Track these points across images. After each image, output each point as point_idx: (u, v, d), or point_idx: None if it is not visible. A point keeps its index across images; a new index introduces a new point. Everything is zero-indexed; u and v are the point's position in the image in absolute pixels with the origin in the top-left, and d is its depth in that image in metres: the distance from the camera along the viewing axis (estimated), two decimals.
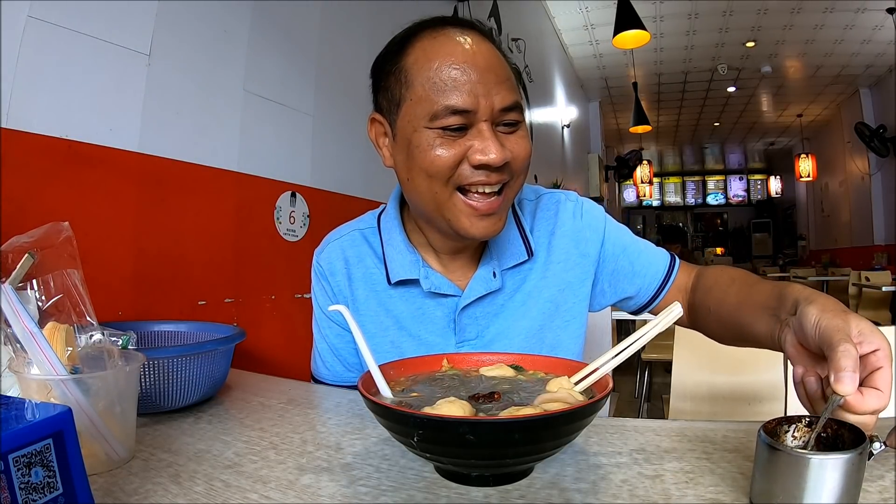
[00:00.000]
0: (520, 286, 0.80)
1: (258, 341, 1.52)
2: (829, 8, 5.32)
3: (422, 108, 0.66)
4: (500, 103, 0.66)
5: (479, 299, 0.78)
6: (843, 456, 0.35)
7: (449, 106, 0.65)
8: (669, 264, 0.84)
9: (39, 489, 0.33)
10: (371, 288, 0.81)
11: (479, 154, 0.65)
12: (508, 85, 0.68)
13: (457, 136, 0.66)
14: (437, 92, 0.65)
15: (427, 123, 0.66)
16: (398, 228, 0.80)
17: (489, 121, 0.66)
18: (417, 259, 0.79)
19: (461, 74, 0.65)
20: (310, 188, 1.77)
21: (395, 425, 0.43)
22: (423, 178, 0.68)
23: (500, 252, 0.80)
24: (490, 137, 0.65)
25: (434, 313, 0.79)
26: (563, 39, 6.19)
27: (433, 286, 0.77)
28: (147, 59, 1.23)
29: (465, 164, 0.66)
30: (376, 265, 0.82)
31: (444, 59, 0.66)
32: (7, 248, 0.57)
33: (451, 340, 0.79)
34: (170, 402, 0.68)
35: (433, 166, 0.66)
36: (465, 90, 0.65)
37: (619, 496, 0.43)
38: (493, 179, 0.67)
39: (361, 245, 0.84)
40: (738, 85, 7.72)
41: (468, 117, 0.66)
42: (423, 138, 0.66)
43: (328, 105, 1.86)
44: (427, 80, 0.66)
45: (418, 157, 0.67)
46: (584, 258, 0.82)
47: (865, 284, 4.86)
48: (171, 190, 1.29)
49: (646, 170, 10.12)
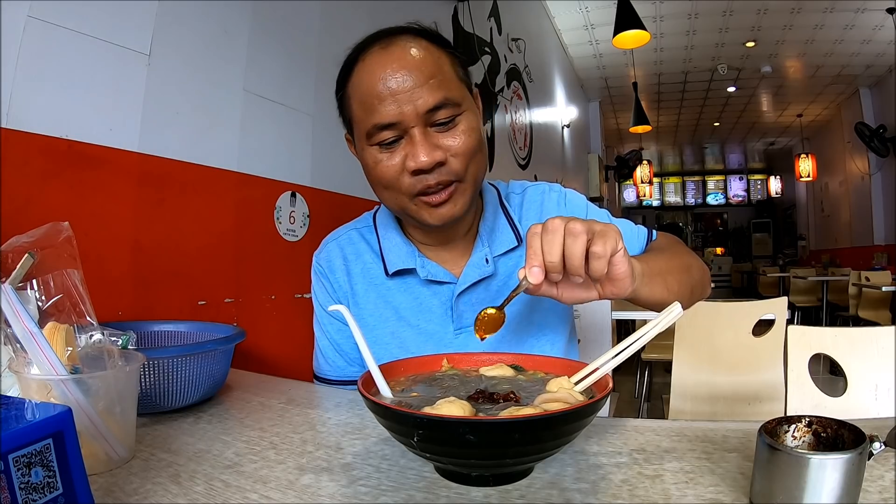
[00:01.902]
0: (512, 272, 0.83)
1: (258, 341, 1.51)
2: (829, 8, 5.31)
3: (359, 129, 0.72)
4: (423, 107, 0.68)
5: (474, 285, 0.81)
6: (843, 456, 0.35)
7: (376, 123, 0.69)
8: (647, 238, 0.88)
9: (39, 489, 0.33)
10: (370, 282, 0.85)
11: (410, 160, 0.69)
12: (432, 84, 0.69)
13: (394, 148, 0.70)
14: (366, 112, 0.70)
15: (367, 142, 0.72)
16: (393, 223, 0.85)
17: (419, 125, 0.69)
18: (413, 250, 0.82)
19: (383, 89, 0.68)
20: (310, 188, 1.77)
21: (395, 425, 0.43)
22: (381, 188, 0.74)
23: (490, 240, 0.83)
24: (419, 142, 0.68)
25: (431, 302, 0.82)
26: (563, 39, 6.19)
27: (429, 274, 0.81)
28: (147, 59, 1.23)
29: (405, 173, 0.70)
30: (374, 260, 0.85)
31: (368, 79, 0.70)
32: (7, 248, 0.57)
33: (449, 328, 0.81)
34: (170, 402, 0.68)
35: (384, 179, 0.72)
36: (386, 104, 0.68)
37: (619, 496, 0.43)
38: (433, 181, 0.70)
39: (359, 242, 0.87)
40: (738, 85, 7.71)
41: (398, 128, 0.69)
42: (369, 155, 0.72)
43: (328, 105, 1.85)
44: (359, 103, 0.71)
45: (371, 172, 0.74)
46: None
47: (865, 284, 4.85)
48: (171, 190, 1.29)
49: (646, 170, 10.10)
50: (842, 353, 1.01)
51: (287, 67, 1.69)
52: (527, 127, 4.62)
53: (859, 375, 0.99)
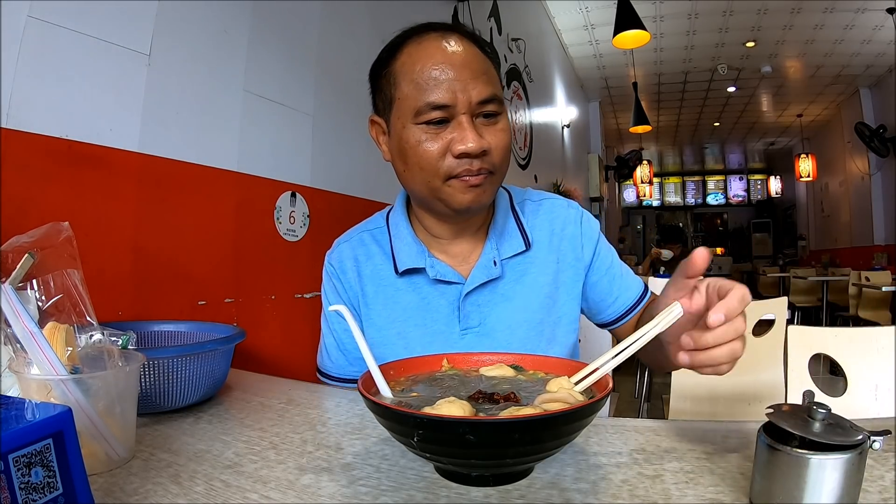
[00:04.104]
0: (520, 277, 0.85)
1: (258, 341, 1.51)
2: (829, 8, 5.31)
3: (408, 105, 0.74)
4: (476, 97, 0.73)
5: (481, 286, 0.83)
6: (843, 456, 0.35)
7: (429, 102, 0.73)
8: (640, 295, 0.90)
9: (39, 489, 0.33)
10: (379, 283, 0.87)
11: (458, 144, 0.72)
12: (485, 79, 0.75)
13: (440, 130, 0.74)
14: (420, 91, 0.73)
15: (413, 120, 0.74)
16: (405, 223, 0.88)
17: (468, 113, 0.73)
18: (423, 250, 0.85)
19: (440, 74, 0.73)
20: (310, 188, 1.77)
21: (395, 425, 0.43)
22: (416, 170, 0.76)
23: (499, 242, 0.86)
24: (468, 128, 0.73)
25: (438, 302, 0.84)
26: (563, 39, 6.19)
27: (438, 273, 0.83)
28: (147, 59, 1.22)
29: (449, 156, 0.74)
30: (384, 261, 0.88)
31: (425, 62, 0.74)
32: (7, 248, 0.57)
33: (455, 328, 0.83)
34: (170, 402, 0.68)
35: (423, 160, 0.74)
36: (443, 87, 0.72)
37: (619, 496, 0.43)
38: (476, 167, 0.74)
39: (370, 244, 0.90)
40: (738, 85, 7.71)
41: (448, 112, 0.73)
42: (411, 134, 0.75)
43: (328, 105, 1.86)
44: (411, 81, 0.74)
45: (410, 151, 0.75)
46: (579, 262, 0.88)
47: (865, 284, 4.85)
48: (171, 190, 1.29)
49: (646, 170, 10.10)
50: (842, 353, 1.01)
51: (287, 67, 1.69)
52: (527, 127, 4.62)
53: (859, 375, 0.99)
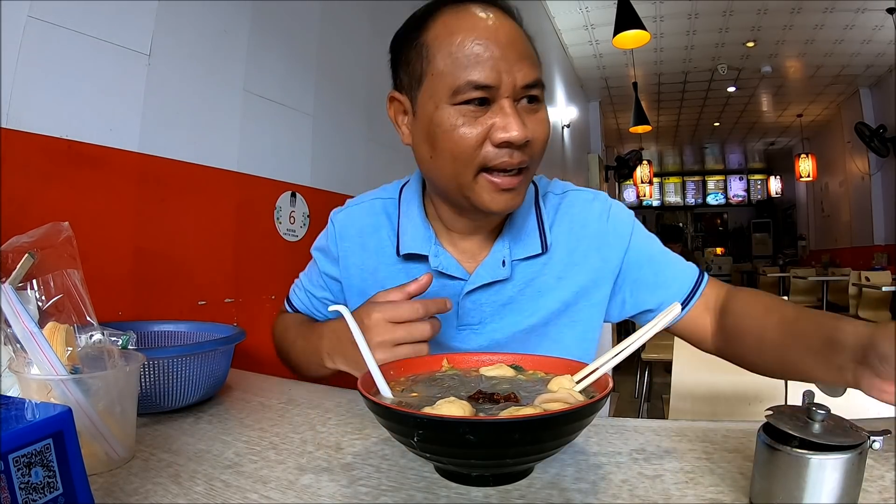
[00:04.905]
0: (531, 280, 0.78)
1: (258, 341, 1.51)
2: (829, 8, 5.31)
3: (443, 83, 0.65)
4: (522, 80, 0.65)
5: (485, 286, 0.76)
6: (843, 456, 0.35)
7: (471, 81, 0.63)
8: (697, 279, 0.79)
9: (39, 489, 0.33)
10: (380, 260, 0.81)
11: (501, 132, 0.64)
12: (531, 62, 0.67)
13: (479, 114, 0.65)
14: (459, 66, 0.64)
15: (449, 99, 0.65)
16: (417, 202, 0.80)
17: (511, 98, 0.65)
18: (431, 235, 0.78)
19: (483, 49, 0.64)
20: (310, 188, 1.77)
21: (395, 425, 0.43)
22: (447, 158, 0.67)
23: (513, 241, 0.78)
24: (512, 114, 0.64)
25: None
26: (563, 39, 6.19)
27: (441, 265, 0.76)
28: (147, 59, 1.22)
29: (487, 144, 0.65)
30: (389, 237, 0.81)
31: (466, 34, 0.64)
32: (7, 248, 0.57)
33: (452, 323, 0.78)
34: (170, 402, 0.68)
35: (457, 147, 0.65)
36: (487, 65, 0.63)
37: (619, 496, 0.43)
38: (516, 159, 0.66)
39: (379, 215, 0.84)
40: (738, 85, 7.71)
41: (490, 93, 0.64)
42: (445, 116, 0.65)
43: (328, 105, 1.86)
44: (449, 54, 0.65)
45: (442, 136, 0.66)
46: (605, 263, 0.79)
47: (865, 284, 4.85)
48: (171, 190, 1.29)
49: (646, 170, 10.10)
50: None
51: (287, 67, 1.69)
52: None
53: None
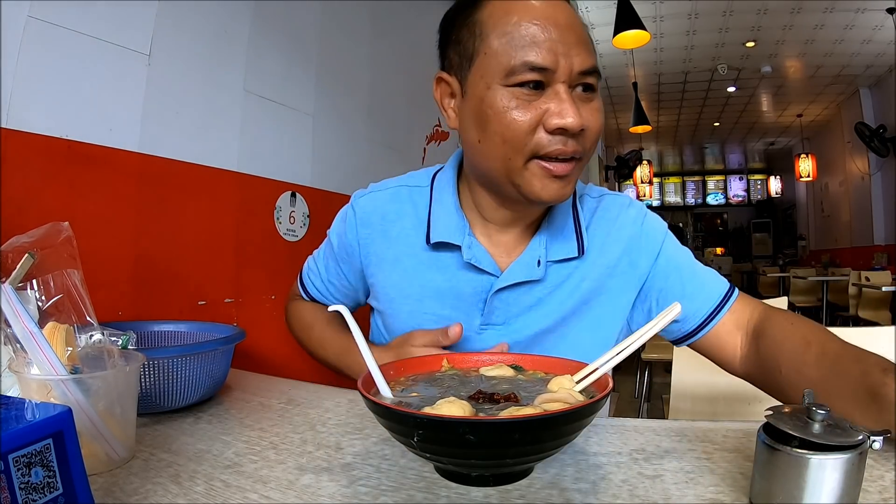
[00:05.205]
0: (562, 283, 0.75)
1: (258, 341, 1.51)
2: (829, 8, 5.31)
3: (497, 62, 0.63)
4: (579, 65, 0.63)
5: (515, 285, 0.73)
6: (843, 456, 0.35)
7: (527, 62, 0.61)
8: (726, 293, 0.76)
9: (39, 489, 0.33)
10: (404, 250, 0.78)
11: (556, 118, 0.62)
12: (588, 48, 0.65)
13: (532, 98, 0.63)
14: (515, 47, 0.62)
15: (502, 80, 0.63)
16: (452, 189, 0.77)
17: (567, 83, 0.63)
18: (465, 225, 0.75)
19: (541, 31, 0.62)
20: (310, 188, 1.77)
21: (395, 425, 0.43)
22: (497, 142, 0.64)
23: (551, 240, 0.75)
24: (567, 100, 0.62)
25: (465, 288, 0.75)
26: None
27: (473, 258, 0.73)
28: (147, 59, 1.23)
29: (540, 130, 0.63)
30: (415, 226, 0.78)
31: (523, 14, 0.63)
32: (7, 248, 0.57)
33: (475, 321, 0.75)
34: (170, 402, 0.68)
35: (509, 131, 0.63)
36: (544, 47, 0.61)
37: (619, 496, 0.43)
38: (570, 148, 0.64)
39: (405, 202, 0.80)
40: (738, 85, 7.71)
41: (546, 76, 0.62)
42: (498, 98, 0.63)
43: (328, 105, 1.86)
44: (504, 33, 0.63)
45: (493, 118, 0.64)
46: (633, 268, 0.77)
47: (865, 284, 4.85)
48: (171, 190, 1.29)
49: (646, 170, 10.11)
50: None
51: (287, 67, 1.69)
52: None
53: None
